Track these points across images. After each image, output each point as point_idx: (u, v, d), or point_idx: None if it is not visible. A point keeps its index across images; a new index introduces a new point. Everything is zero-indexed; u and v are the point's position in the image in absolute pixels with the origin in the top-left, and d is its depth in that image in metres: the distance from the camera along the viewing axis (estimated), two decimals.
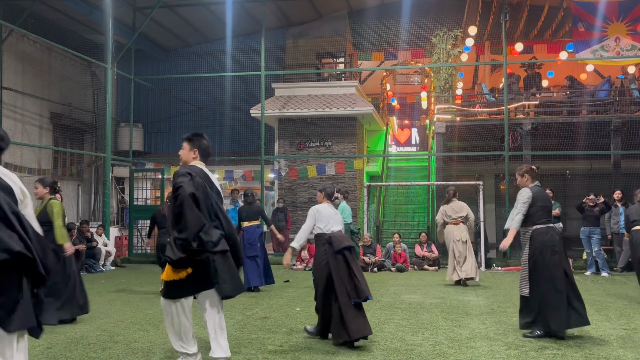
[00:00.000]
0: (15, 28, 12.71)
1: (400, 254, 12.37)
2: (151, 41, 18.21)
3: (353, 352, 4.79)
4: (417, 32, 16.55)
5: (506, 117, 14.03)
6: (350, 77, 17.45)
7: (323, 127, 16.06)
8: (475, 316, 6.56)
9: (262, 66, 15.24)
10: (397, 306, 7.24)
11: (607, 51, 14.60)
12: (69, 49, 13.65)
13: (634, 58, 14.80)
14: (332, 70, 18.01)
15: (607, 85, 15.32)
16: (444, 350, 4.88)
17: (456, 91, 16.51)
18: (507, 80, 14.70)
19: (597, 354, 4.75)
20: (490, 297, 8.11)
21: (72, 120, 16.63)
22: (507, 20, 14.27)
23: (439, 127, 14.92)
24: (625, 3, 14.53)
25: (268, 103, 15.97)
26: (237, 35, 16.62)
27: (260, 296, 8.28)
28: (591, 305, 7.27)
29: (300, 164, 15.93)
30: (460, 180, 16.00)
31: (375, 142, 18.84)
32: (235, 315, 6.61)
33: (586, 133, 13.98)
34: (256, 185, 16.53)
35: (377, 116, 16.89)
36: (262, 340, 5.25)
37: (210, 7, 16.13)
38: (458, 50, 16.10)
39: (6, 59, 14.00)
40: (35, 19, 14.25)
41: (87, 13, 14.91)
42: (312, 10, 17.26)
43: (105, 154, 14.03)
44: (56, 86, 16.06)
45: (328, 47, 17.38)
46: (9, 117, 14.27)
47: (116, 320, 6.34)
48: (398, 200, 16.90)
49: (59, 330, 5.76)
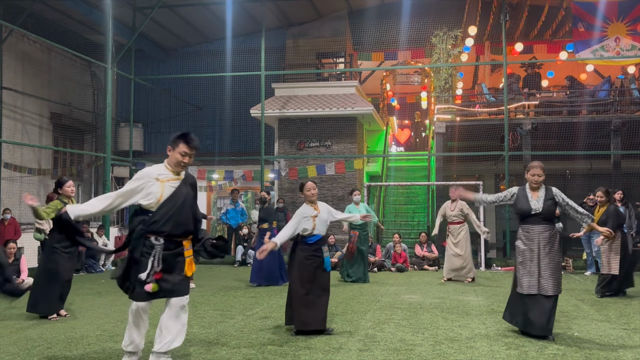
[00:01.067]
0: (15, 28, 12.70)
1: (400, 254, 12.38)
2: (151, 41, 18.21)
3: (353, 352, 4.79)
4: (417, 32, 16.55)
5: (506, 117, 14.03)
6: (350, 77, 17.44)
7: (323, 127, 16.07)
8: (475, 316, 6.56)
9: (262, 66, 15.24)
10: (397, 306, 7.23)
11: (607, 51, 14.60)
12: (69, 49, 13.65)
13: (634, 58, 14.80)
14: (332, 70, 18.00)
15: (607, 85, 15.32)
16: (444, 350, 4.87)
17: (456, 91, 16.51)
18: (507, 80, 14.70)
19: (597, 354, 4.74)
20: (490, 297, 8.11)
21: (72, 120, 16.62)
22: (507, 20, 14.27)
23: (439, 127, 14.92)
24: (625, 3, 14.53)
25: (268, 103, 15.97)
26: (237, 35, 16.63)
27: (260, 296, 8.28)
28: (591, 306, 7.27)
29: (300, 164, 15.93)
30: (460, 180, 16.01)
31: (375, 142, 18.84)
32: (235, 315, 6.60)
33: (586, 133, 13.98)
34: (256, 185, 16.54)
35: (377, 116, 16.89)
36: (262, 340, 5.25)
37: (210, 7, 16.13)
38: (458, 50, 16.10)
39: (6, 59, 13.99)
40: (35, 19, 14.25)
41: (87, 13, 14.91)
42: (312, 10, 17.26)
43: (105, 154, 14.03)
44: (56, 86, 16.06)
45: (328, 47, 17.38)
46: (9, 117, 14.27)
47: (116, 320, 6.34)
48: (398, 200, 16.90)
49: (58, 330, 5.76)
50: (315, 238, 5.63)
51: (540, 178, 5.45)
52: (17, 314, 6.71)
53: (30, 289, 6.57)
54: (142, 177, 4.17)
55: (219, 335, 5.43)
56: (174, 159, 4.22)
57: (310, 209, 5.70)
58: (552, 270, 5.26)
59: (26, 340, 5.34)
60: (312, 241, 5.62)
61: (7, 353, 4.77)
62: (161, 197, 4.11)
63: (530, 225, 5.40)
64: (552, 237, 5.36)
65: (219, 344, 5.07)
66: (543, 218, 5.37)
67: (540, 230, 5.36)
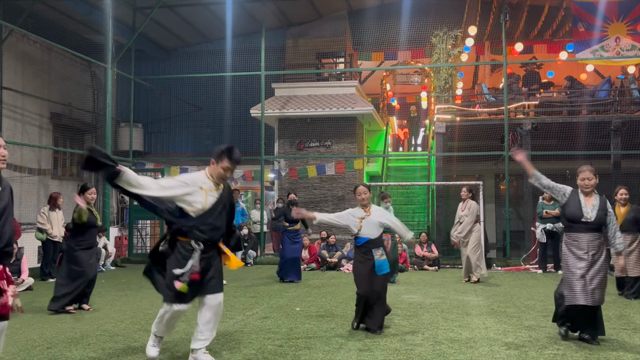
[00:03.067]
0: (15, 28, 12.70)
1: (400, 254, 12.36)
2: (151, 41, 18.20)
3: (353, 352, 4.79)
4: (417, 32, 16.56)
5: (506, 117, 14.03)
6: (350, 77, 17.45)
7: (323, 127, 16.07)
8: (475, 316, 6.56)
9: (262, 66, 15.24)
10: (397, 306, 7.23)
11: (607, 51, 14.60)
12: (69, 49, 13.65)
13: (634, 58, 14.80)
14: (332, 70, 18.01)
15: (607, 85, 15.31)
16: (444, 350, 4.87)
17: (456, 91, 16.51)
18: (507, 80, 14.69)
19: (597, 354, 4.75)
20: (490, 297, 8.11)
21: (72, 120, 16.61)
22: (507, 20, 14.28)
23: (439, 127, 14.92)
24: (625, 3, 14.52)
25: (268, 103, 15.97)
26: (237, 35, 16.62)
27: (260, 296, 8.29)
28: None
29: (300, 164, 15.93)
30: (460, 180, 16.01)
31: (375, 142, 18.83)
32: (235, 315, 6.61)
33: (586, 133, 13.97)
34: (256, 185, 16.53)
35: (377, 116, 16.89)
36: (262, 340, 5.25)
37: (210, 7, 16.12)
38: (458, 50, 16.10)
39: (6, 59, 13.98)
40: (35, 19, 14.25)
41: (87, 13, 14.90)
42: (312, 10, 17.25)
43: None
44: (56, 86, 16.05)
45: (328, 47, 17.38)
46: (9, 117, 14.26)
47: (116, 320, 6.34)
48: (398, 200, 16.89)
49: (58, 330, 5.76)
50: (362, 240, 5.73)
51: (590, 182, 5.17)
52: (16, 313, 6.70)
53: (55, 287, 6.96)
54: (191, 185, 4.26)
55: (219, 335, 5.42)
56: (217, 172, 4.35)
57: (360, 211, 5.82)
58: (600, 280, 4.99)
59: (26, 340, 5.34)
60: (359, 243, 5.76)
61: (7, 353, 4.77)
62: (204, 206, 4.27)
63: (579, 234, 5.09)
64: (602, 246, 5.08)
65: (219, 344, 5.07)
66: (593, 227, 5.07)
67: (590, 238, 5.05)
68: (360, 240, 5.75)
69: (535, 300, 7.80)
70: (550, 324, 6.03)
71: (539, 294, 8.43)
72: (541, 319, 6.39)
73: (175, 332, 5.47)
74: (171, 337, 5.23)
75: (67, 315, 6.67)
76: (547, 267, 11.83)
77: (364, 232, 5.73)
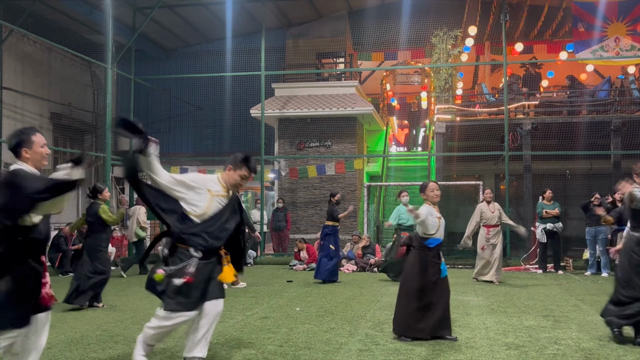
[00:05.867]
0: (15, 28, 12.70)
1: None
2: (151, 41, 18.20)
3: (353, 352, 4.79)
4: (417, 32, 16.56)
5: (506, 117, 14.03)
6: (350, 77, 17.45)
7: (323, 127, 16.07)
8: (475, 316, 6.56)
9: (262, 66, 15.24)
10: None
11: (607, 51, 14.60)
12: (69, 49, 13.65)
13: (634, 58, 14.80)
14: (332, 70, 18.01)
15: (607, 85, 15.31)
16: (444, 350, 4.88)
17: (456, 91, 16.51)
18: (507, 80, 14.69)
19: (597, 354, 4.74)
20: (490, 297, 8.11)
21: (72, 120, 16.61)
22: (507, 20, 14.27)
23: (439, 127, 14.92)
24: (625, 3, 14.53)
25: (268, 103, 15.97)
26: (237, 35, 16.61)
27: (260, 296, 8.29)
28: (591, 306, 7.27)
29: (300, 164, 15.93)
30: (460, 180, 16.01)
31: (375, 142, 18.83)
32: (235, 315, 6.61)
33: (586, 133, 13.97)
34: (256, 186, 16.53)
35: (377, 116, 16.89)
36: (262, 340, 5.25)
37: (210, 7, 16.12)
38: (458, 50, 16.11)
39: (6, 59, 13.98)
40: (35, 19, 14.24)
41: (87, 13, 14.90)
42: (312, 10, 17.26)
43: (105, 154, 14.03)
44: (56, 86, 16.05)
45: (328, 47, 17.38)
46: (9, 117, 14.26)
47: (116, 320, 6.34)
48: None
49: (59, 330, 5.76)
50: (436, 241, 5.33)
51: None
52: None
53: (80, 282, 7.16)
54: (199, 184, 4.09)
55: (219, 335, 5.43)
56: (232, 179, 4.17)
57: (435, 210, 5.42)
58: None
59: None
60: (432, 245, 5.31)
61: None
62: (207, 210, 4.05)
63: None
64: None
65: (219, 344, 5.07)
66: None
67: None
68: (432, 242, 5.30)
69: (535, 300, 7.80)
70: (550, 324, 6.04)
71: (539, 294, 8.43)
72: (541, 319, 6.39)
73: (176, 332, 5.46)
74: (170, 337, 5.23)
75: (67, 315, 6.67)
76: (547, 267, 11.83)
77: (440, 233, 5.35)
